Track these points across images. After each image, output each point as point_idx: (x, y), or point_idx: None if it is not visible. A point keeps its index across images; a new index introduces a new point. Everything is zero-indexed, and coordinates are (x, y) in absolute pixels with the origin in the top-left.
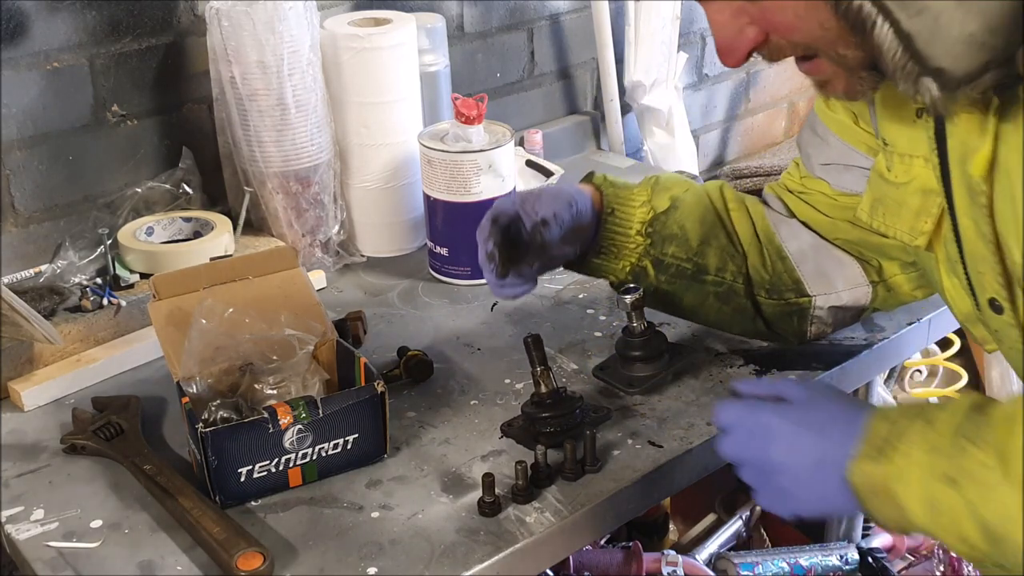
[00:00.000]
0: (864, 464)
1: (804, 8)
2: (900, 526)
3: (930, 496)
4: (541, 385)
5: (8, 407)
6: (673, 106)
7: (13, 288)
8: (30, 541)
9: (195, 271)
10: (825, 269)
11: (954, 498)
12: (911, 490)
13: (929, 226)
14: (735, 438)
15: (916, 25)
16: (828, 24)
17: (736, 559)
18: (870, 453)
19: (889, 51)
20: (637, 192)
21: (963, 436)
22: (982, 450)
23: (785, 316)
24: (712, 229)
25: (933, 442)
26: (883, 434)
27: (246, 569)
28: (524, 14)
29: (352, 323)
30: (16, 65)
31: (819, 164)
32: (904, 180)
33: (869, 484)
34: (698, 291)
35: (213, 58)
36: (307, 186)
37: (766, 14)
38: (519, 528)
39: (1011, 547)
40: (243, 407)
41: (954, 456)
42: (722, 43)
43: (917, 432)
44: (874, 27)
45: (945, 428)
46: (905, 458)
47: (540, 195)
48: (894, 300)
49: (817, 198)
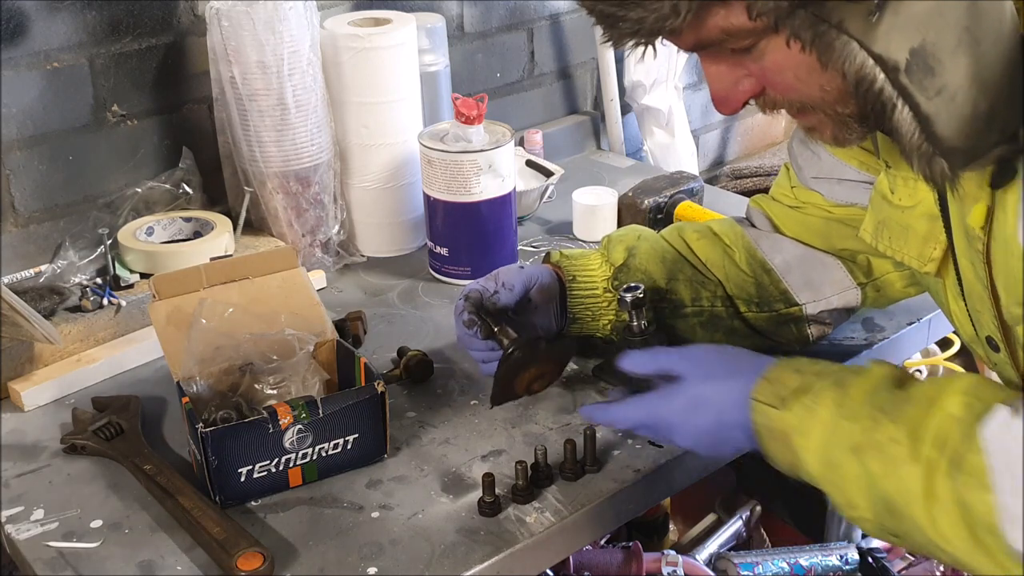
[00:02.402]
0: (767, 409)
1: (805, 71)
2: (793, 472)
3: (829, 457)
4: (502, 341)
5: (8, 407)
6: (673, 106)
7: (13, 288)
8: (30, 541)
9: (195, 271)
10: (811, 277)
11: (854, 465)
12: (810, 444)
13: (938, 253)
14: (639, 433)
15: (934, 107)
16: (829, 87)
17: (736, 559)
18: (774, 400)
19: (907, 133)
20: (592, 256)
21: (877, 408)
22: (895, 425)
23: (781, 326)
24: (675, 264)
25: (844, 406)
26: (791, 385)
27: (246, 569)
28: (524, 14)
29: (352, 323)
30: (16, 65)
31: (811, 176)
32: (909, 204)
33: (768, 427)
34: (684, 325)
35: (213, 58)
36: (307, 186)
37: (765, 73)
38: (519, 528)
39: (909, 523)
40: (243, 407)
41: (865, 425)
42: (718, 94)
43: (828, 393)
44: (894, 110)
45: (858, 395)
46: (810, 413)
47: (497, 271)
48: (884, 299)
49: (811, 210)
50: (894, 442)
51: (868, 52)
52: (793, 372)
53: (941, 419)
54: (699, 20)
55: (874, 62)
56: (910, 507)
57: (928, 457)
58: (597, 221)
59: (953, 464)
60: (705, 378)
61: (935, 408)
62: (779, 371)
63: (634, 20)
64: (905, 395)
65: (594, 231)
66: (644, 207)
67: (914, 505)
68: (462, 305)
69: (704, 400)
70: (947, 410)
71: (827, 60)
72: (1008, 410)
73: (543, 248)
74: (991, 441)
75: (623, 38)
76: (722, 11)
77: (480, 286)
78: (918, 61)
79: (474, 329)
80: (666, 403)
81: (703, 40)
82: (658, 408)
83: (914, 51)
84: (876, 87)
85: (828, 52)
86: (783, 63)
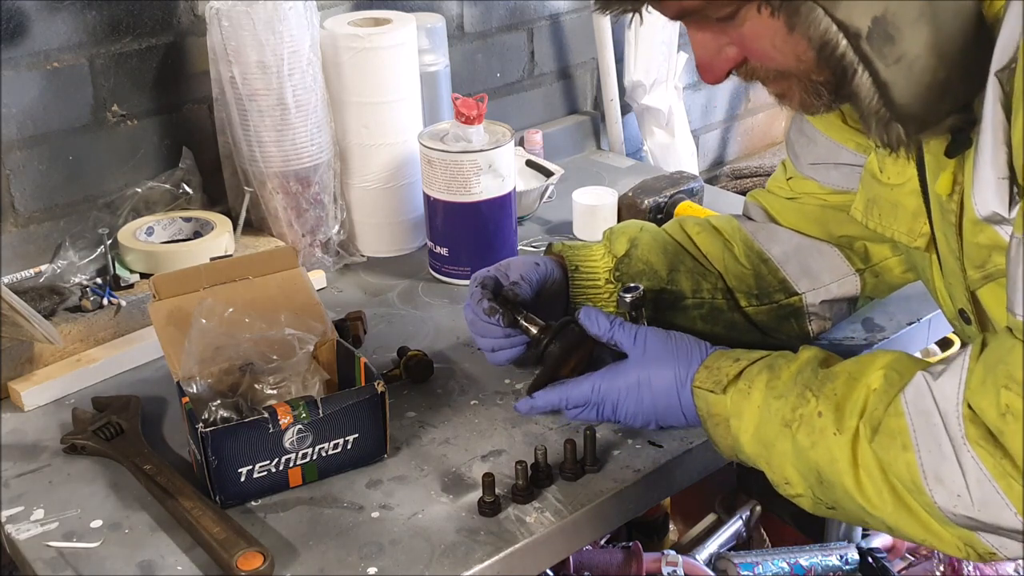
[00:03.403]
0: (707, 395)
1: (781, 40)
2: (733, 455)
3: (762, 435)
4: (530, 328)
5: (8, 407)
6: (673, 106)
7: (13, 288)
8: (30, 541)
9: (195, 271)
10: (809, 265)
11: (785, 441)
12: (745, 425)
13: (928, 227)
14: (586, 415)
15: (893, 74)
16: (804, 56)
17: (736, 559)
18: (713, 386)
19: (866, 98)
20: (595, 247)
21: (804, 385)
22: (819, 399)
23: (781, 320)
24: (676, 256)
25: (774, 387)
26: (730, 372)
27: (246, 569)
28: (524, 14)
29: (352, 323)
30: (16, 65)
31: (808, 163)
32: (898, 181)
33: (709, 412)
34: (684, 318)
35: (213, 58)
36: (307, 186)
37: (745, 40)
38: (519, 528)
39: (840, 491)
40: (243, 407)
41: (792, 403)
42: (702, 61)
43: (760, 376)
44: (855, 75)
45: (787, 376)
46: (744, 397)
47: (509, 262)
48: (884, 285)
49: (807, 200)
50: (820, 415)
51: (832, 18)
52: (731, 361)
53: (863, 392)
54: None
55: (837, 28)
56: (838, 476)
57: (851, 426)
58: (597, 221)
59: (875, 430)
60: (650, 361)
61: (858, 383)
62: (718, 359)
63: None
64: (829, 373)
65: (594, 231)
66: (644, 207)
67: (842, 474)
68: (479, 292)
69: (647, 382)
70: (869, 385)
71: (793, 24)
72: (927, 375)
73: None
74: (911, 403)
75: (611, 4)
76: None
77: (493, 273)
78: (879, 29)
79: (496, 316)
80: (611, 381)
81: (686, 8)
82: (603, 384)
83: (876, 19)
84: (838, 52)
85: (795, 16)
86: (760, 30)
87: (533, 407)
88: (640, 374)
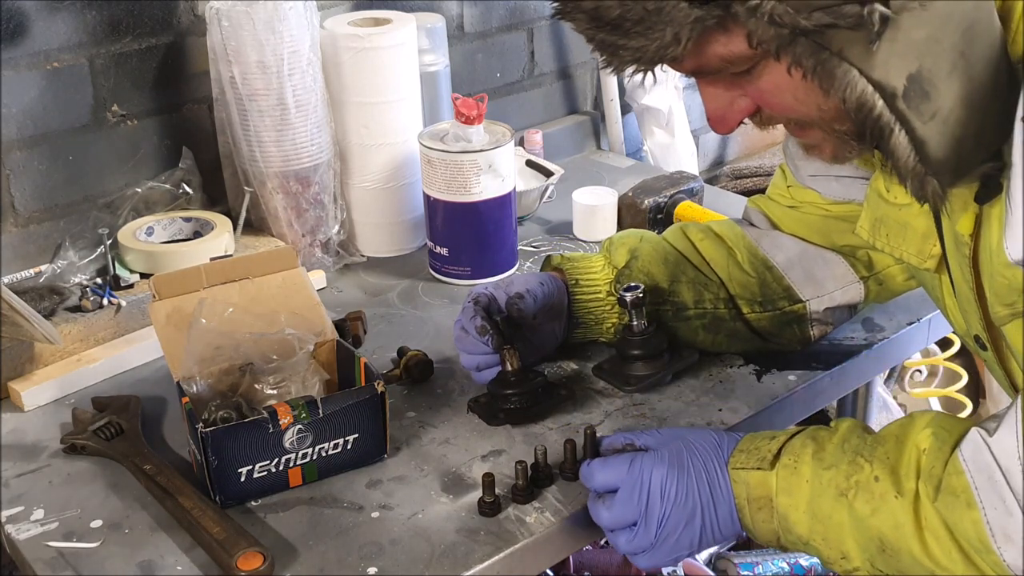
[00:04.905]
0: (749, 475)
1: (803, 92)
2: (775, 539)
3: (816, 509)
4: (507, 363)
5: (8, 407)
6: (673, 106)
7: (13, 288)
8: (30, 541)
9: (195, 271)
10: (813, 272)
11: (842, 512)
12: (796, 502)
13: (938, 249)
14: (622, 496)
15: (929, 131)
16: (826, 107)
17: (736, 559)
18: (753, 464)
19: (903, 157)
20: (595, 259)
21: (855, 452)
22: (874, 464)
23: (784, 326)
24: (677, 266)
25: (822, 459)
26: (769, 448)
27: (246, 569)
28: (524, 14)
29: (352, 323)
30: (16, 65)
31: (808, 175)
32: (905, 201)
33: (749, 496)
34: (686, 328)
35: (213, 58)
36: (307, 186)
37: (763, 94)
38: (519, 528)
39: (905, 557)
40: (243, 407)
41: (845, 471)
42: (714, 114)
43: (805, 449)
44: (891, 135)
45: (833, 446)
46: (792, 472)
47: (512, 278)
48: (887, 293)
49: (808, 208)
50: (877, 480)
51: (868, 79)
52: (768, 439)
53: (914, 454)
54: (699, 48)
55: (873, 89)
56: (904, 541)
57: (911, 488)
58: (597, 221)
59: (936, 489)
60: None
61: (906, 445)
62: (752, 441)
63: (635, 49)
64: (878, 437)
65: (594, 231)
66: (644, 207)
67: (908, 538)
68: (472, 309)
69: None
70: (918, 445)
71: (828, 87)
72: (981, 431)
73: (543, 248)
74: (970, 461)
75: (624, 65)
76: (723, 39)
77: (492, 292)
78: (915, 86)
79: (486, 337)
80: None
81: (703, 67)
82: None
83: (911, 77)
84: (875, 113)
85: (829, 80)
86: (782, 85)
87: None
88: (673, 457)
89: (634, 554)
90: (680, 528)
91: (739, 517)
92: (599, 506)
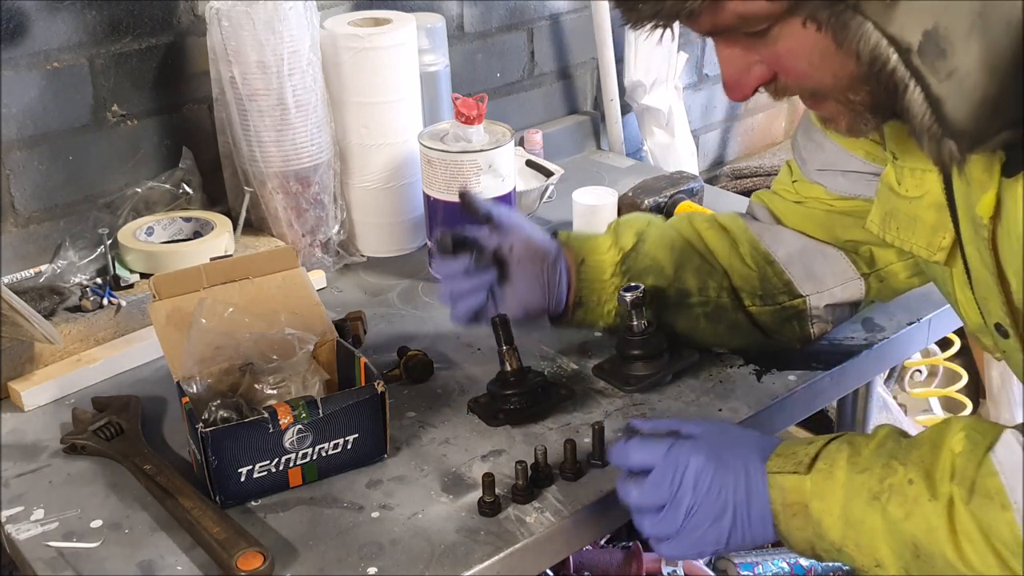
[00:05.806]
0: (785, 479)
1: (819, 57)
2: (811, 547)
3: (850, 514)
4: (506, 363)
5: (8, 407)
6: (673, 106)
7: (13, 288)
8: (30, 541)
9: (195, 271)
10: (814, 268)
11: (875, 516)
12: (830, 507)
13: (947, 242)
14: (655, 478)
15: (945, 89)
16: (841, 73)
17: (736, 559)
18: (790, 469)
19: (918, 114)
20: (602, 239)
21: (890, 456)
22: (908, 467)
23: (784, 322)
24: (684, 253)
25: (856, 463)
26: (807, 452)
27: (246, 569)
28: (524, 14)
29: (352, 323)
30: (16, 65)
31: (815, 169)
32: (916, 194)
33: (784, 502)
34: (687, 316)
35: (213, 58)
36: (307, 186)
37: (779, 59)
38: (519, 528)
39: (939, 561)
40: (243, 407)
41: (879, 474)
42: (729, 78)
43: (841, 453)
44: (906, 91)
45: (869, 450)
46: (827, 476)
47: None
48: (889, 290)
49: (812, 204)
50: (911, 483)
51: (883, 33)
52: (805, 444)
53: (948, 456)
54: (717, 3)
55: (888, 43)
56: (938, 545)
57: (945, 492)
58: (597, 221)
59: (970, 491)
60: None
61: (941, 449)
62: (789, 447)
63: (653, 2)
64: (914, 441)
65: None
66: (644, 207)
67: (942, 543)
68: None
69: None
70: (952, 449)
71: (842, 40)
72: (1015, 432)
73: None
74: (1004, 463)
75: (642, 20)
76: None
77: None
78: (931, 43)
79: (449, 251)
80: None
81: (719, 24)
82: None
83: (927, 33)
84: (889, 67)
85: (843, 32)
86: (797, 48)
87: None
88: (712, 450)
89: (657, 539)
90: (708, 522)
91: (774, 523)
92: (629, 484)
